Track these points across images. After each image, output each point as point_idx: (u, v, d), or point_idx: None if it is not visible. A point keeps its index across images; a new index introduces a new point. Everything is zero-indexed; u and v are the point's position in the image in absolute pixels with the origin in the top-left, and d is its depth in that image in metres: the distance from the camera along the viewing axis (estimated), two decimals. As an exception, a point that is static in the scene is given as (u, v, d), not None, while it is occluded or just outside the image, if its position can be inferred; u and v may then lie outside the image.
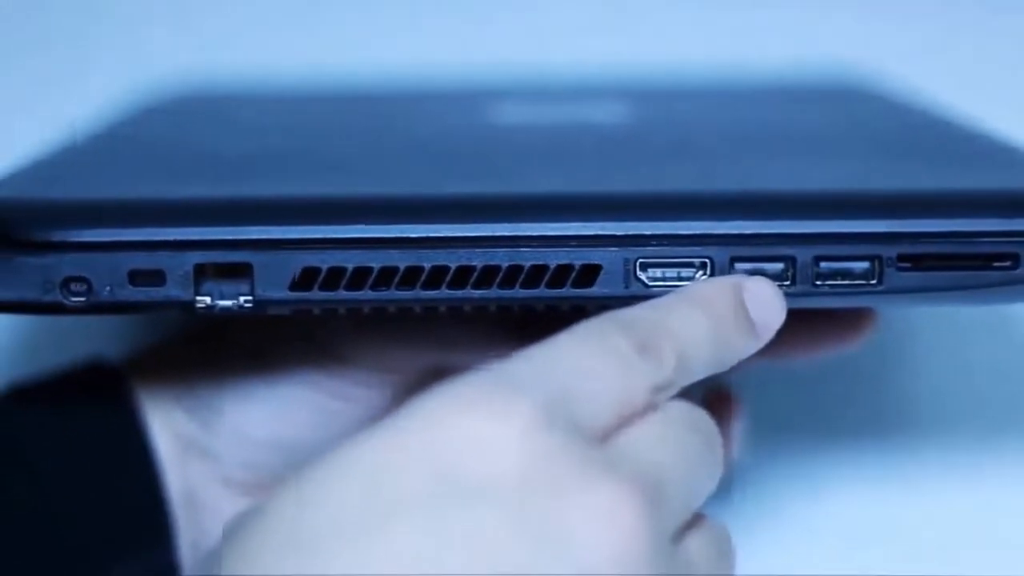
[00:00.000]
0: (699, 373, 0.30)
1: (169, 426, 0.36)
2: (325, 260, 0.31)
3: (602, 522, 0.25)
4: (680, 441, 0.28)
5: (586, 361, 0.28)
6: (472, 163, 0.37)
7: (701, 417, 0.29)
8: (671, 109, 0.49)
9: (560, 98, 0.49)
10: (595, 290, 0.32)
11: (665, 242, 0.32)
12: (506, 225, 0.32)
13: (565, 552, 0.25)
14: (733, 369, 0.32)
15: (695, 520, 0.29)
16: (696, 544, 0.28)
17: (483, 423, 0.26)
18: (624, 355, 0.28)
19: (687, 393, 0.30)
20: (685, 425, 0.29)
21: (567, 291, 0.32)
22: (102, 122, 0.44)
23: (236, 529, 0.26)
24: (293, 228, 0.31)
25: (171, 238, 0.31)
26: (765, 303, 0.31)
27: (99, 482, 0.35)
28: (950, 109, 0.45)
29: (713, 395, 0.42)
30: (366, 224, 0.31)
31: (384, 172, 0.36)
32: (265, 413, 0.36)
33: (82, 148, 0.39)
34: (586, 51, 0.58)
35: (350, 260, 0.31)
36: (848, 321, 0.39)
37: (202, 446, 0.37)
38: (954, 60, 0.59)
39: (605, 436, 0.27)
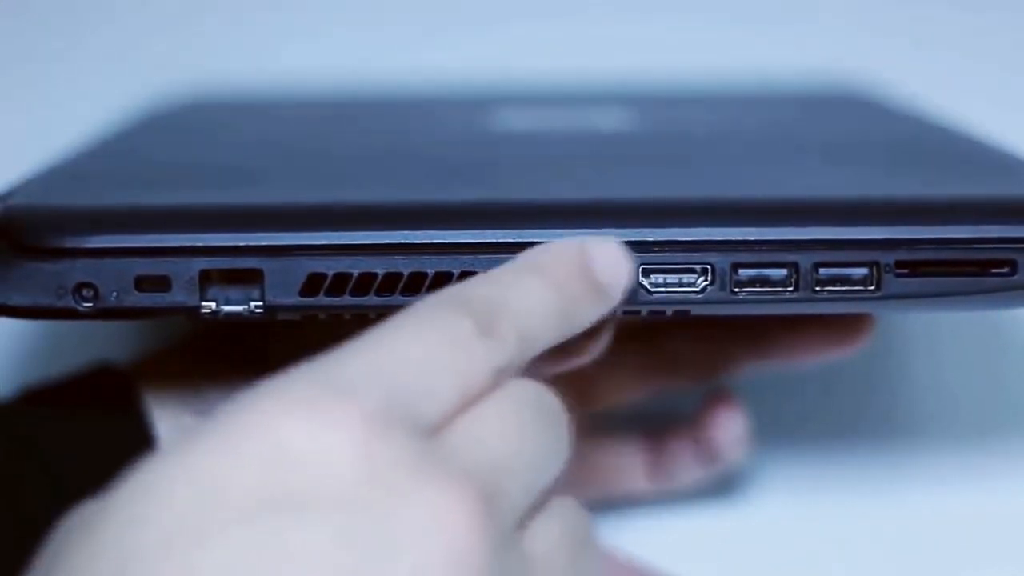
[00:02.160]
0: (544, 344, 0.29)
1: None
2: (331, 266, 0.32)
3: (436, 524, 0.24)
4: (523, 422, 0.27)
5: (422, 348, 0.26)
6: (475, 170, 0.38)
7: (545, 395, 0.28)
8: (673, 116, 0.49)
9: (564, 105, 0.50)
10: (597, 296, 0.32)
11: (667, 248, 0.32)
12: (509, 231, 0.32)
13: (399, 558, 0.24)
14: (725, 374, 0.32)
15: (543, 502, 0.28)
16: (545, 528, 0.27)
17: (311, 427, 0.24)
18: (462, 337, 0.27)
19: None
20: (529, 405, 0.28)
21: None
22: (112, 129, 0.44)
23: (65, 544, 0.25)
24: (304, 234, 0.32)
25: (176, 244, 0.32)
26: (611, 264, 0.30)
27: (109, 482, 0.35)
28: (948, 117, 0.45)
29: (714, 397, 0.42)
30: (372, 230, 0.32)
31: (389, 178, 0.36)
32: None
33: (92, 155, 0.39)
34: (588, 58, 0.58)
35: (356, 266, 0.32)
36: (846, 326, 0.40)
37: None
38: (953, 68, 0.59)
39: (445, 425, 0.26)
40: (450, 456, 0.26)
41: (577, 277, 0.30)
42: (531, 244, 0.32)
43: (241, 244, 0.32)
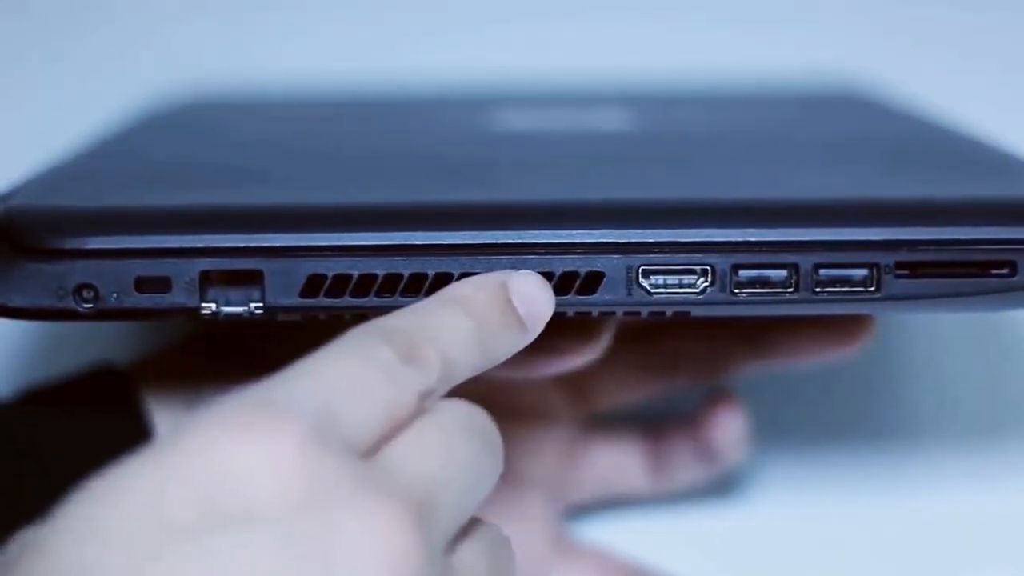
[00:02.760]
0: (466, 374, 0.30)
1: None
2: (331, 267, 0.32)
3: (372, 544, 0.25)
4: (452, 445, 0.28)
5: (351, 375, 0.27)
6: (475, 170, 0.38)
7: (475, 416, 0.29)
8: (673, 116, 0.49)
9: (564, 105, 0.50)
10: (598, 297, 0.32)
11: (667, 250, 0.32)
12: (509, 232, 0.32)
13: (336, 573, 0.24)
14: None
15: (471, 526, 0.29)
16: (471, 552, 0.28)
17: (251, 447, 0.25)
18: (388, 365, 0.28)
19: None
20: (458, 427, 0.28)
21: (570, 298, 0.32)
22: (112, 129, 0.44)
23: (12, 568, 0.25)
24: (304, 235, 0.32)
25: (176, 245, 0.32)
26: (531, 296, 0.31)
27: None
28: (948, 117, 0.45)
29: (714, 397, 0.42)
30: (372, 231, 0.32)
31: (389, 179, 0.37)
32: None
33: (92, 155, 0.39)
34: (589, 59, 0.58)
35: (356, 267, 0.32)
36: (846, 327, 0.40)
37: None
38: (953, 68, 0.59)
39: (375, 449, 0.27)
40: (384, 475, 0.26)
41: (497, 309, 0.30)
42: (531, 245, 0.32)
43: (241, 245, 0.32)
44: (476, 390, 0.41)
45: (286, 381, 0.27)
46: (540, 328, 0.31)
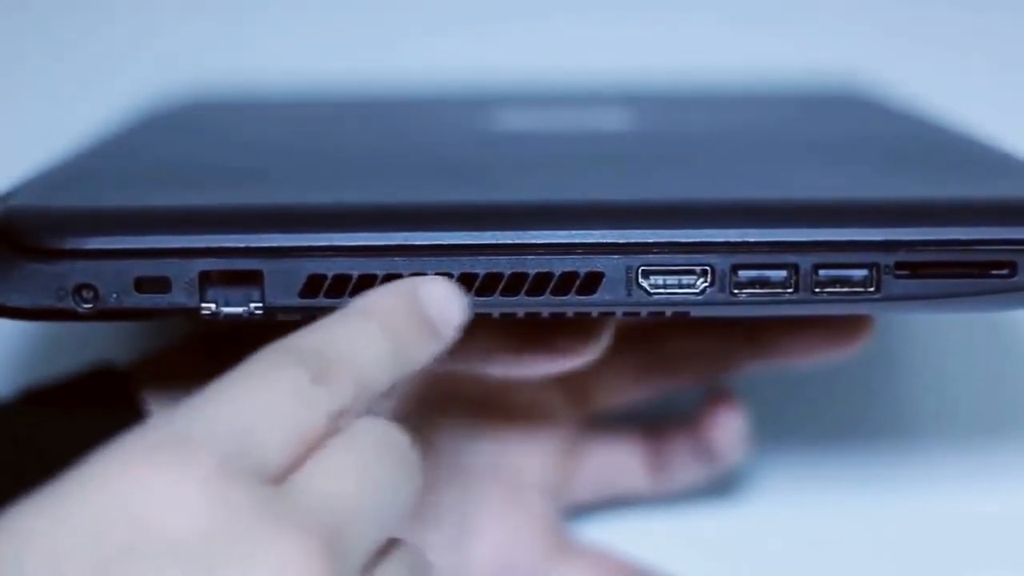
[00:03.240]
0: (382, 388, 0.29)
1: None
2: (331, 267, 0.32)
3: (281, 572, 0.25)
4: (366, 464, 0.28)
5: (260, 400, 0.27)
6: (475, 171, 0.38)
7: (391, 434, 0.29)
8: (672, 116, 0.49)
9: (564, 105, 0.50)
10: (597, 297, 0.32)
11: (667, 250, 0.32)
12: (509, 233, 0.32)
13: None
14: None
15: (389, 548, 0.28)
16: (388, 574, 0.28)
17: (158, 484, 0.25)
18: (299, 386, 0.27)
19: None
20: (372, 446, 0.28)
21: (570, 299, 0.32)
22: (112, 129, 0.44)
23: None
24: (304, 235, 0.32)
25: (176, 245, 0.32)
26: (443, 303, 0.31)
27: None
28: (948, 117, 0.45)
29: (714, 397, 0.42)
30: (372, 231, 0.32)
31: (388, 179, 0.37)
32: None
33: (92, 155, 0.39)
34: (589, 59, 0.58)
35: (356, 267, 0.32)
36: (845, 327, 0.40)
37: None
38: (953, 68, 0.59)
39: (288, 474, 0.27)
40: (294, 504, 0.26)
41: (409, 319, 0.30)
42: (530, 245, 0.32)
43: (241, 245, 0.32)
44: (476, 391, 0.41)
45: (195, 411, 0.27)
46: (454, 334, 0.31)
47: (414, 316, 0.30)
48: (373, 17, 0.61)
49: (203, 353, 0.39)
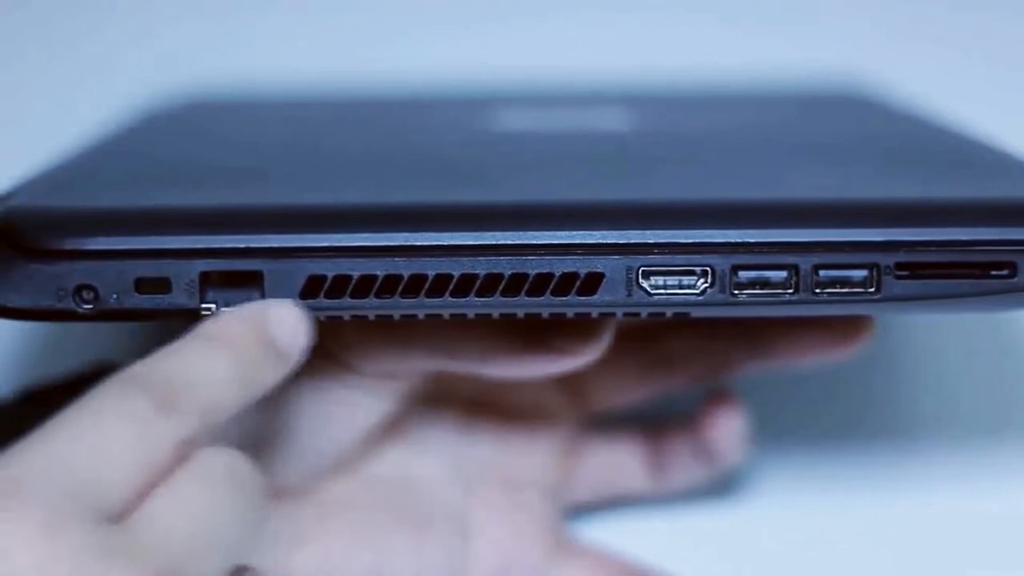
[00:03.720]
0: (228, 413, 0.29)
1: None
2: (331, 268, 0.32)
3: None
4: (211, 494, 0.28)
5: (101, 434, 0.27)
6: (475, 171, 0.38)
7: (235, 462, 0.29)
8: (672, 116, 0.49)
9: (564, 105, 0.50)
10: (597, 298, 0.32)
11: (667, 250, 0.32)
12: (509, 233, 0.32)
13: None
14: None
15: (236, 574, 0.29)
16: None
17: None
18: (142, 418, 0.27)
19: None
20: (217, 475, 0.28)
21: (570, 299, 0.32)
22: (112, 129, 0.44)
23: None
24: (304, 236, 0.32)
25: (176, 246, 0.32)
26: (289, 326, 0.31)
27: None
28: (948, 117, 0.45)
29: (714, 397, 0.42)
30: (372, 232, 0.32)
31: (388, 180, 0.36)
32: (271, 419, 0.37)
33: (92, 155, 0.39)
34: (589, 59, 0.58)
35: (356, 268, 0.32)
36: (846, 327, 0.40)
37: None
38: (953, 68, 0.59)
39: (133, 507, 0.27)
40: (133, 540, 0.26)
41: (255, 343, 0.30)
42: (531, 246, 0.32)
43: (241, 246, 0.32)
44: (476, 391, 0.41)
45: (29, 452, 0.27)
46: (299, 356, 0.31)
47: (261, 341, 0.30)
48: (372, 17, 0.61)
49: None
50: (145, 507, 0.27)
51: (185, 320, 0.32)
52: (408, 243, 0.32)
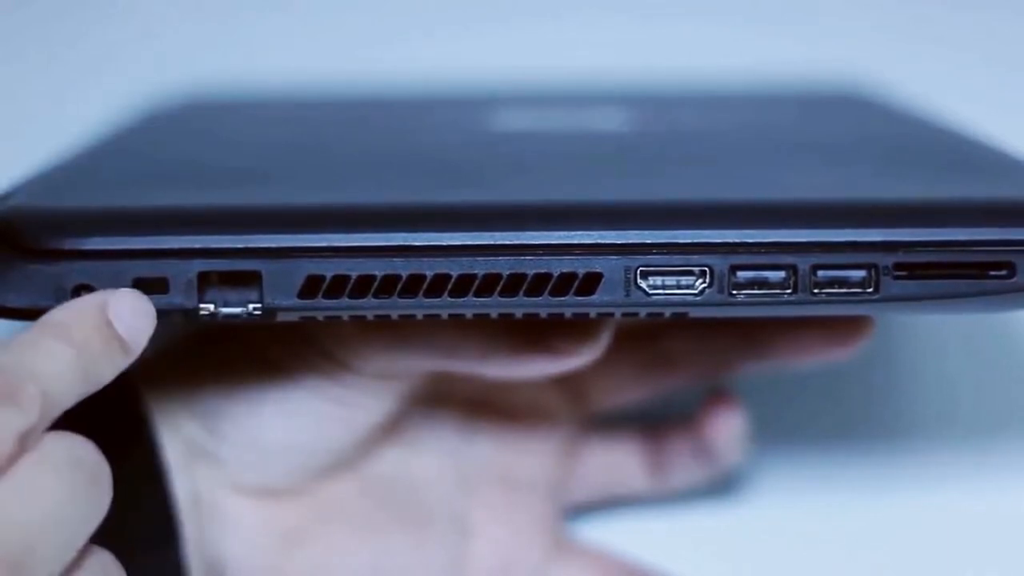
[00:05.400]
0: (69, 402, 0.29)
1: (177, 432, 0.37)
2: (330, 268, 0.32)
3: None
4: (52, 483, 0.28)
5: None
6: (474, 171, 0.38)
7: (79, 449, 0.29)
8: (672, 117, 0.49)
9: (563, 105, 0.50)
10: (596, 298, 0.32)
11: (665, 251, 0.32)
12: (507, 233, 0.32)
13: None
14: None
15: (81, 558, 0.29)
16: None
17: None
18: None
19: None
20: (59, 463, 0.28)
21: (568, 299, 0.32)
22: (112, 129, 0.44)
23: None
24: (303, 236, 0.32)
25: (174, 246, 0.32)
26: (131, 315, 0.31)
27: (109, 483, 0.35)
28: (948, 117, 0.45)
29: (714, 397, 0.42)
30: (370, 232, 0.32)
31: (387, 179, 0.36)
32: (271, 420, 0.37)
33: (91, 155, 0.39)
34: (589, 59, 0.58)
35: (354, 268, 0.32)
36: (844, 327, 0.40)
37: (209, 452, 0.37)
38: (953, 68, 0.59)
39: None
40: None
41: (97, 333, 0.30)
42: (529, 246, 0.32)
43: (239, 246, 0.32)
44: (475, 391, 0.41)
45: None
46: (143, 344, 0.31)
47: (102, 331, 0.30)
48: (372, 17, 0.61)
49: (204, 354, 0.39)
50: None
51: (183, 320, 0.32)
52: (406, 243, 0.32)
